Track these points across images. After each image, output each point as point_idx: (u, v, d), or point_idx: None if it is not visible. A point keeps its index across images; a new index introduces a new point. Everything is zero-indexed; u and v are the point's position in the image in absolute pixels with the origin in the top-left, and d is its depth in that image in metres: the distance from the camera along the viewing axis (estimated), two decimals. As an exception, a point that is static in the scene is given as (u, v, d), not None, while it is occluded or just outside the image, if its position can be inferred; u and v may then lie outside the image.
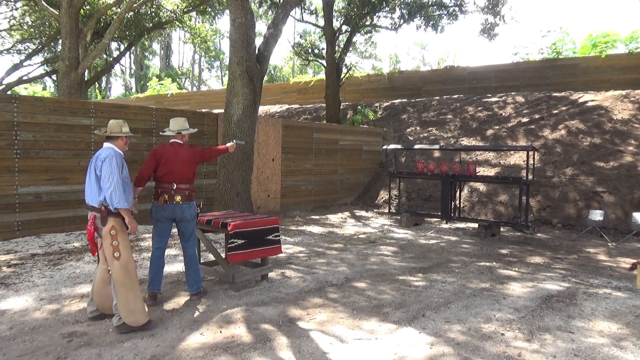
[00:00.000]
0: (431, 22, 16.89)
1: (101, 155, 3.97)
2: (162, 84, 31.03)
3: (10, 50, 19.46)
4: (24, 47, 19.45)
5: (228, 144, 5.32)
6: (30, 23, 18.24)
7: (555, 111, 13.66)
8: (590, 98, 13.71)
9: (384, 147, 11.69)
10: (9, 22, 18.54)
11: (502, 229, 9.72)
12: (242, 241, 4.99)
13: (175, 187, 4.61)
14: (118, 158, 3.96)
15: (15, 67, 18.19)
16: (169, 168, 4.62)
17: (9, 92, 16.64)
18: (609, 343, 3.90)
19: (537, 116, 13.74)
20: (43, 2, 13.09)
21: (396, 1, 16.63)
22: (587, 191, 10.43)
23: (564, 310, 4.70)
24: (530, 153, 10.19)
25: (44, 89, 36.70)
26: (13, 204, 7.30)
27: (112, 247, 3.87)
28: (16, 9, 17.87)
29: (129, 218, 3.93)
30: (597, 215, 9.01)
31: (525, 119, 13.83)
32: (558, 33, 19.42)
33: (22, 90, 30.04)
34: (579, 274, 6.39)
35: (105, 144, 4.11)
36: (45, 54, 19.73)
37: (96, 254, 4.05)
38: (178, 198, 4.61)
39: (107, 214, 3.90)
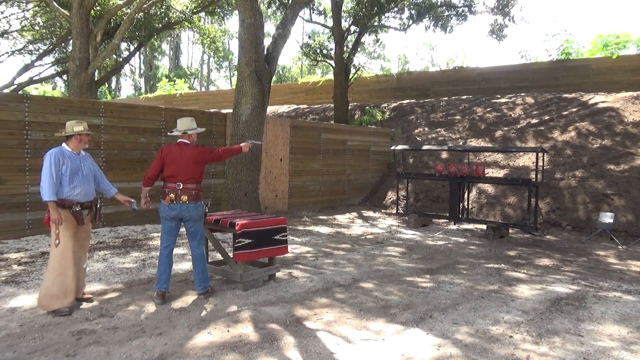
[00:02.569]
0: (440, 23, 16.83)
1: None
2: (173, 84, 31.20)
3: (22, 51, 19.68)
4: (35, 48, 19.66)
5: (242, 144, 5.29)
6: (41, 24, 18.44)
7: (565, 112, 13.55)
8: (600, 99, 13.59)
9: (392, 147, 11.66)
10: (20, 22, 18.75)
11: (510, 231, 9.66)
12: (250, 241, 5.00)
13: (181, 187, 4.63)
14: (55, 156, 4.24)
15: (27, 68, 18.39)
16: (175, 168, 4.65)
17: (20, 92, 16.82)
18: (618, 347, 3.86)
19: (546, 117, 13.64)
20: (54, 3, 13.22)
21: (405, 1, 16.59)
22: (597, 194, 10.33)
23: (573, 313, 4.66)
24: (540, 155, 10.11)
25: (54, 88, 37.03)
26: (24, 202, 7.38)
27: (55, 235, 4.21)
28: (27, 10, 18.07)
29: (52, 210, 4.18)
30: (607, 217, 8.92)
31: (534, 120, 13.74)
32: (563, 35, 19.25)
33: (33, 90, 30.35)
34: (588, 276, 6.33)
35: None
36: (56, 55, 19.93)
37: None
38: (185, 198, 4.63)
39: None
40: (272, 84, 10.23)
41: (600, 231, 9.13)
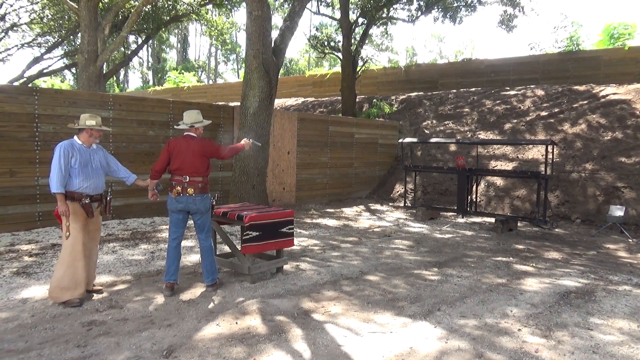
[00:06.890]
0: (449, 14, 16.66)
1: None
2: (182, 75, 31.28)
3: (31, 44, 19.80)
4: (44, 41, 19.78)
5: (242, 141, 5.27)
6: (50, 16, 18.51)
7: (576, 105, 13.40)
8: (611, 91, 13.41)
9: (400, 140, 11.61)
10: (29, 15, 18.84)
11: (519, 224, 9.60)
12: (257, 233, 5.02)
13: (188, 180, 4.65)
14: (64, 148, 4.28)
15: (36, 60, 18.52)
16: (182, 161, 4.67)
17: (30, 85, 16.93)
18: (628, 340, 3.83)
19: (556, 110, 13.50)
20: (63, -4, 13.26)
21: (413, -8, 16.45)
22: (607, 186, 10.23)
23: (582, 307, 4.63)
24: (549, 147, 10.02)
25: (63, 81, 37.24)
26: (34, 194, 7.45)
27: (65, 227, 4.26)
28: (36, 3, 18.14)
29: (60, 202, 4.23)
30: (617, 210, 8.83)
31: (544, 113, 13.60)
32: (571, 27, 18.93)
33: (42, 83, 30.53)
34: (598, 270, 6.28)
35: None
36: (65, 47, 20.04)
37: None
38: (191, 190, 4.65)
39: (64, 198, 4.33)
40: (279, 77, 10.20)
41: (611, 224, 9.05)
